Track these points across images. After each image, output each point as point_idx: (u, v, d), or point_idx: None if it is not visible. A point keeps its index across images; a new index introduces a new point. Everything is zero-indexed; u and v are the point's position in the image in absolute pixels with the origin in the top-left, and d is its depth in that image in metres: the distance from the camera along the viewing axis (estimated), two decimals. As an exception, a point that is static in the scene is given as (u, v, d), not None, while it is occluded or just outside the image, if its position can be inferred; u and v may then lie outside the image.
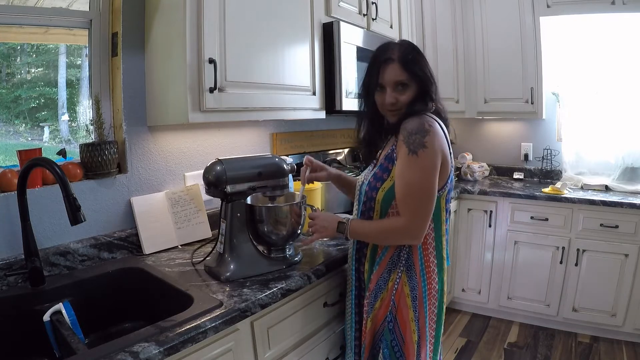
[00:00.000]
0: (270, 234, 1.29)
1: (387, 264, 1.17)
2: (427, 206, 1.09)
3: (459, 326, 2.75)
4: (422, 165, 1.06)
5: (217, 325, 0.98)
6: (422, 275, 1.15)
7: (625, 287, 2.38)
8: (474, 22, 2.97)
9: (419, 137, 1.06)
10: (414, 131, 1.07)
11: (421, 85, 1.15)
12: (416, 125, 1.07)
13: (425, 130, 1.06)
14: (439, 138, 1.08)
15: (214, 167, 1.24)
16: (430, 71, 1.16)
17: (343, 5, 1.91)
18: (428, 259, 1.16)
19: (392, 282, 1.16)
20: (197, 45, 1.29)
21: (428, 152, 1.05)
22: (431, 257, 1.16)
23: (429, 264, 1.16)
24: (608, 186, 2.65)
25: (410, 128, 1.08)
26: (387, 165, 1.15)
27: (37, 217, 1.23)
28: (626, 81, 2.70)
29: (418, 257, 1.15)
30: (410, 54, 1.14)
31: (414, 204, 1.07)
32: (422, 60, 1.16)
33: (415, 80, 1.14)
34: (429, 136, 1.06)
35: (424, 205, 1.08)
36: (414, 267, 1.15)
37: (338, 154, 2.44)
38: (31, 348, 1.11)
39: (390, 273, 1.16)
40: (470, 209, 2.82)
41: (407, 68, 1.13)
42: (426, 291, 1.15)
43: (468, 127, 3.35)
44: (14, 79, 1.46)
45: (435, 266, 1.17)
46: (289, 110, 1.65)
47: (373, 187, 1.17)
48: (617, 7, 2.50)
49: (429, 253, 1.16)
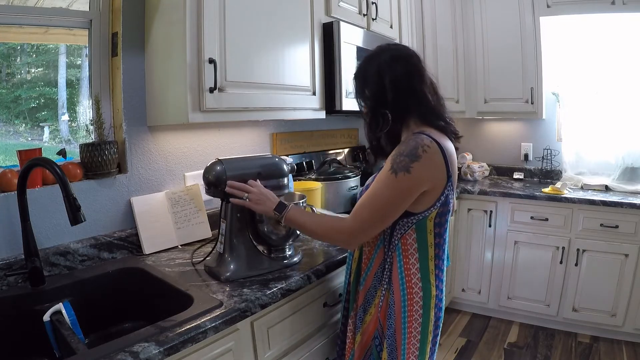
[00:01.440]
0: (270, 234, 1.29)
1: (372, 280, 1.15)
2: (375, 221, 1.05)
3: (459, 326, 2.75)
4: (394, 186, 1.02)
5: (217, 325, 0.98)
6: (402, 295, 1.09)
7: (625, 287, 2.38)
8: (474, 22, 2.97)
9: (406, 160, 1.01)
10: (405, 153, 1.02)
11: (369, 98, 1.13)
12: (411, 147, 1.02)
13: (416, 156, 1.01)
14: (430, 166, 1.02)
15: (214, 167, 1.24)
16: (383, 79, 1.09)
17: (343, 5, 1.91)
18: (410, 279, 1.09)
19: (377, 298, 1.14)
20: (197, 45, 1.29)
21: (408, 177, 1.00)
22: (414, 278, 1.09)
23: (411, 285, 1.09)
24: (608, 186, 2.65)
25: (404, 149, 1.03)
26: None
27: (37, 217, 1.23)
28: (626, 81, 2.70)
29: (398, 275, 1.10)
30: (359, 69, 1.16)
31: (365, 215, 1.05)
32: (370, 70, 1.12)
33: (361, 97, 1.15)
34: (418, 163, 1.00)
35: (373, 219, 1.05)
36: (393, 285, 1.11)
37: (338, 154, 2.44)
38: (31, 348, 1.11)
39: (376, 289, 1.15)
40: (470, 209, 2.82)
41: (355, 86, 1.17)
42: (406, 312, 1.09)
43: (468, 127, 3.35)
44: (14, 79, 1.46)
45: (420, 289, 1.10)
46: (289, 110, 1.65)
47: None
48: (617, 7, 2.50)
49: (412, 274, 1.10)
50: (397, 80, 1.08)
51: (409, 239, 1.09)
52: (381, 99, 1.10)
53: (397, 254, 1.10)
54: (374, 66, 1.12)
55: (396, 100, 1.08)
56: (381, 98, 1.10)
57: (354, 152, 2.56)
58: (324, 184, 1.89)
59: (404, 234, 1.09)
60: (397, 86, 1.08)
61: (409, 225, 1.09)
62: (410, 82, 1.09)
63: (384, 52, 1.13)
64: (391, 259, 1.11)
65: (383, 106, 1.10)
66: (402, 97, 1.09)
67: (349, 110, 1.87)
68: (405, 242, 1.10)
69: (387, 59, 1.11)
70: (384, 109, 1.10)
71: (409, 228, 1.09)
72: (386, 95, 1.09)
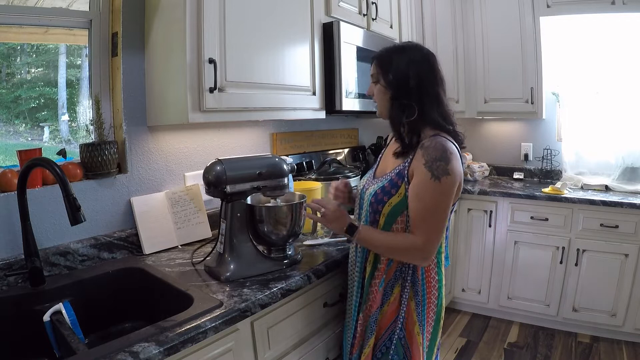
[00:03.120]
0: (270, 234, 1.29)
1: (391, 280, 1.18)
2: (442, 229, 1.12)
3: (459, 326, 2.75)
4: (442, 191, 1.09)
5: (217, 325, 0.98)
6: (423, 290, 1.17)
7: (625, 287, 2.38)
8: (474, 22, 2.97)
9: (443, 164, 1.08)
10: (438, 157, 1.08)
11: (392, 84, 1.15)
12: (440, 151, 1.09)
13: (448, 158, 1.09)
14: (458, 165, 1.11)
15: (214, 167, 1.24)
16: (409, 73, 1.13)
17: (343, 5, 1.91)
18: (429, 274, 1.18)
19: (394, 296, 1.17)
20: (197, 45, 1.29)
21: (450, 179, 1.08)
22: (432, 272, 1.19)
23: (429, 279, 1.18)
24: (608, 186, 2.65)
25: (435, 154, 1.09)
26: (397, 182, 1.15)
27: (37, 217, 1.23)
28: (626, 81, 2.70)
29: (421, 273, 1.17)
30: (386, 53, 1.19)
31: (431, 226, 1.10)
32: (400, 61, 1.15)
33: (384, 78, 1.17)
34: (452, 163, 1.09)
35: (440, 228, 1.11)
36: (418, 282, 1.17)
37: (338, 154, 2.44)
38: (31, 348, 1.11)
39: (393, 288, 1.18)
40: (470, 209, 2.82)
41: (378, 65, 1.19)
42: (425, 305, 1.18)
43: (468, 127, 3.35)
44: (14, 79, 1.46)
45: (437, 282, 1.20)
46: (289, 110, 1.65)
47: (380, 200, 1.16)
48: (617, 7, 2.50)
49: (431, 269, 1.19)
50: (423, 77, 1.14)
51: None
52: (405, 88, 1.14)
53: None
54: (404, 58, 1.16)
55: (419, 95, 1.14)
56: (405, 86, 1.14)
57: (354, 152, 2.56)
58: (324, 184, 1.89)
59: None
60: (421, 84, 1.14)
61: None
62: (433, 84, 1.16)
63: (413, 50, 1.18)
64: None
65: (407, 97, 1.14)
66: (425, 95, 1.14)
67: (349, 110, 1.87)
68: None
69: (418, 56, 1.16)
70: (408, 99, 1.14)
71: None
72: (409, 86, 1.13)
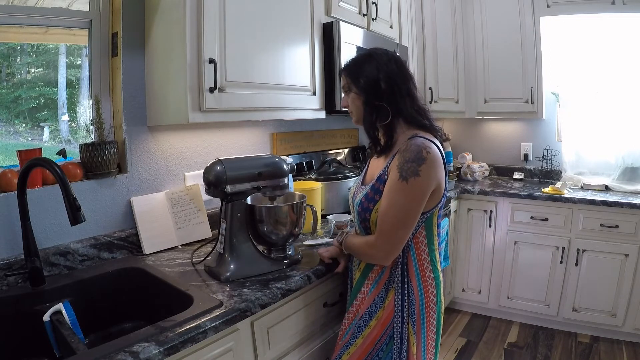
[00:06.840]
0: (270, 234, 1.29)
1: (384, 283, 1.17)
2: (400, 229, 1.08)
3: (459, 326, 2.75)
4: (408, 193, 1.06)
5: (217, 325, 0.98)
6: (419, 289, 1.15)
7: (625, 287, 2.38)
8: (474, 22, 2.97)
9: (414, 165, 1.05)
10: (411, 159, 1.06)
11: (364, 89, 1.15)
12: (414, 153, 1.06)
13: (422, 159, 1.05)
14: (435, 166, 1.07)
15: (214, 167, 1.24)
16: (379, 75, 1.13)
17: (343, 5, 1.91)
18: (424, 274, 1.16)
19: (389, 300, 1.16)
20: (197, 45, 1.29)
21: (420, 180, 1.05)
22: (427, 271, 1.16)
23: (425, 278, 1.16)
24: (608, 186, 2.65)
25: (408, 156, 1.06)
26: (379, 187, 1.13)
27: (37, 217, 1.23)
28: (626, 81, 2.70)
29: (414, 272, 1.15)
30: (353, 62, 1.19)
31: (387, 228, 1.08)
32: (369, 66, 1.15)
33: (355, 85, 1.16)
34: (425, 164, 1.05)
35: (397, 228, 1.07)
36: (411, 282, 1.15)
37: (338, 154, 2.44)
38: (31, 348, 1.11)
39: (388, 291, 1.16)
40: (470, 209, 2.82)
41: (347, 74, 1.18)
42: (424, 304, 1.15)
43: (468, 127, 3.35)
44: (14, 79, 1.46)
45: (433, 280, 1.17)
46: (289, 110, 1.65)
47: (366, 209, 1.15)
48: (617, 7, 2.50)
49: (425, 268, 1.16)
50: (393, 77, 1.14)
51: (420, 237, 1.15)
52: (376, 91, 1.14)
53: (412, 253, 1.15)
54: (372, 62, 1.15)
55: (391, 95, 1.13)
56: (376, 89, 1.13)
57: (354, 152, 2.56)
58: (324, 184, 1.89)
59: (415, 234, 1.14)
60: (392, 83, 1.13)
61: (419, 224, 1.14)
62: (404, 82, 1.15)
63: (379, 54, 1.18)
64: (406, 259, 1.15)
65: (379, 98, 1.13)
66: (397, 93, 1.14)
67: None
68: (417, 240, 1.15)
69: (384, 59, 1.16)
70: (380, 101, 1.13)
71: (419, 227, 1.14)
72: (381, 87, 1.13)
